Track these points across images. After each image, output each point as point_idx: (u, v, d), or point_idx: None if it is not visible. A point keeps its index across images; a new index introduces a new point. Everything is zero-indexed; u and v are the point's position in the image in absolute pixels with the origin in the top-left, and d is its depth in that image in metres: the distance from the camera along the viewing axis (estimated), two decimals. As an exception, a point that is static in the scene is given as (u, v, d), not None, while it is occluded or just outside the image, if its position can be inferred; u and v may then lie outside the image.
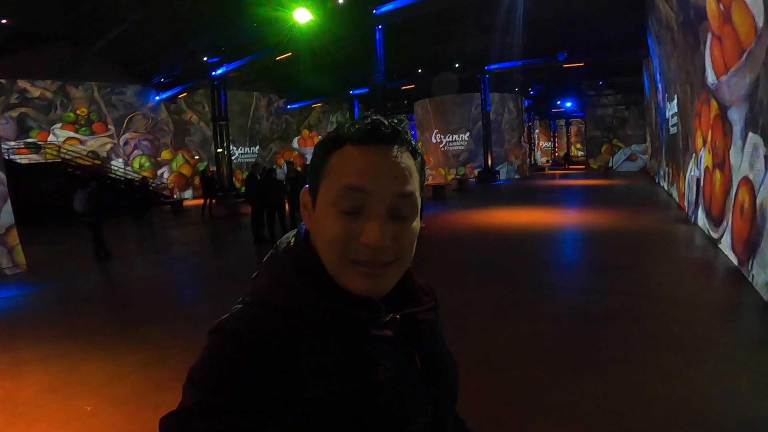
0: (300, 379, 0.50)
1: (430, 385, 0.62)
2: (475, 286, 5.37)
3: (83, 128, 20.24)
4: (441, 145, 24.93)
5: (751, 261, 4.83)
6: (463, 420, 0.76)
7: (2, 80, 17.61)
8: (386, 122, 0.59)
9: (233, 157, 21.98)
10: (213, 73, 18.73)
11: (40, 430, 2.75)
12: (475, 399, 2.70)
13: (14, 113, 18.42)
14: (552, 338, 3.82)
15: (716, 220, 6.66)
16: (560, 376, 3.10)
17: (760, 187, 4.75)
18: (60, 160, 18.32)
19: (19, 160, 17.24)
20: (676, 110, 11.32)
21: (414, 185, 0.59)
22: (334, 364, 0.53)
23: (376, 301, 0.60)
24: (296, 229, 0.65)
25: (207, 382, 0.49)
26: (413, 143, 0.61)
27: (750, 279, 4.76)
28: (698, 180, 8.17)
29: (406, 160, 0.59)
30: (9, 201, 7.66)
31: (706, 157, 7.55)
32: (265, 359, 0.50)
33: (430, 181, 13.26)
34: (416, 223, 0.60)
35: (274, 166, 10.09)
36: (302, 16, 12.07)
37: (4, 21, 14.29)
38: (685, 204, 9.77)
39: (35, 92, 18.98)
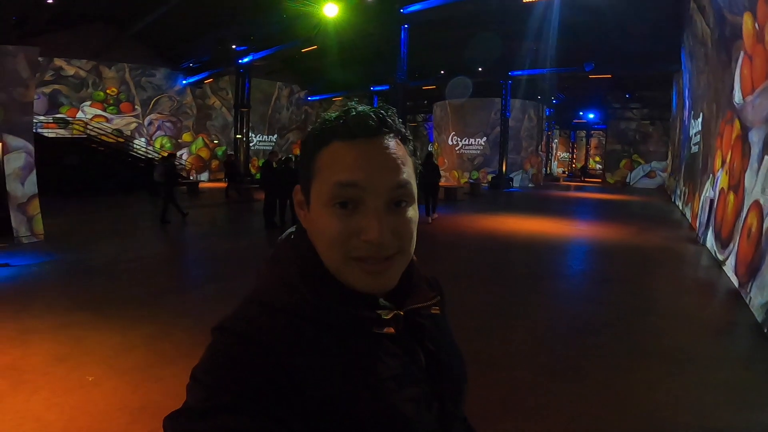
0: (301, 379, 0.50)
1: (435, 382, 0.61)
2: (475, 287, 5.44)
3: (111, 107, 20.79)
4: (457, 148, 24.87)
5: (750, 283, 4.82)
6: (465, 417, 0.75)
7: (41, 58, 18.10)
8: (372, 114, 0.57)
9: (251, 144, 22.30)
10: (240, 61, 19.03)
11: (42, 398, 2.80)
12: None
13: (47, 89, 18.99)
14: (543, 343, 3.89)
15: (724, 242, 6.61)
16: (544, 379, 3.19)
17: (769, 211, 4.73)
18: (86, 136, 18.84)
19: (46, 134, 17.75)
20: (700, 128, 11.17)
21: (408, 173, 0.57)
22: (335, 363, 0.53)
23: (379, 298, 0.58)
24: (295, 226, 0.64)
25: (211, 381, 0.49)
26: (402, 130, 0.59)
27: (747, 301, 4.76)
28: (712, 201, 8.09)
29: (397, 149, 0.57)
30: (34, 171, 7.94)
31: (722, 179, 7.47)
32: (267, 358, 0.50)
33: (442, 182, 13.24)
34: (413, 211, 0.58)
35: (290, 156, 10.26)
36: (331, 11, 12.21)
37: (49, 1, 14.67)
38: (697, 224, 9.66)
39: (70, 70, 19.57)
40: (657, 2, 13.67)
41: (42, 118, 18.27)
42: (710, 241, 7.75)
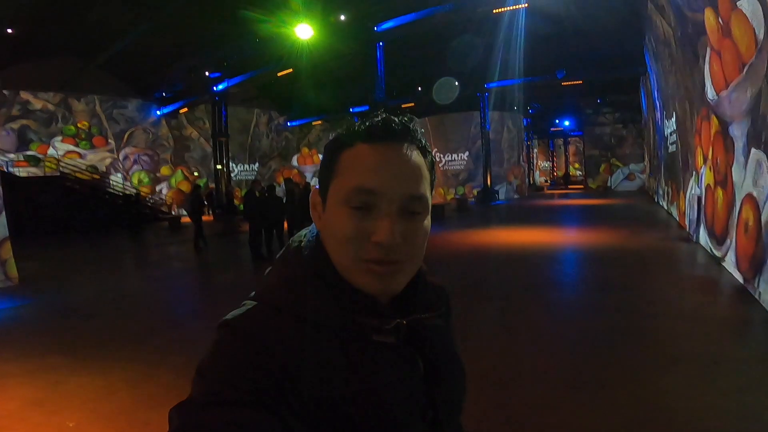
0: (300, 379, 0.51)
1: (432, 391, 0.61)
2: (473, 302, 5.28)
3: (83, 142, 20.28)
4: (440, 164, 25.05)
5: (757, 278, 4.75)
6: (461, 426, 0.74)
7: (5, 91, 17.66)
8: (397, 119, 0.59)
9: (233, 174, 21.98)
10: (214, 88, 18.90)
11: None
12: (477, 418, 2.58)
13: (15, 125, 18.47)
14: (555, 357, 3.71)
15: (719, 238, 6.59)
16: (566, 395, 2.99)
17: (765, 203, 4.69)
18: (59, 173, 18.31)
19: (18, 173, 17.21)
20: (675, 128, 11.37)
21: (425, 186, 0.59)
22: (333, 368, 0.54)
23: (384, 306, 0.59)
24: (308, 228, 0.65)
25: (213, 376, 0.50)
26: (423, 141, 0.61)
27: (757, 296, 4.67)
28: (699, 198, 8.13)
29: (417, 159, 0.59)
30: (3, 213, 7.56)
31: (707, 175, 7.51)
32: (268, 357, 0.51)
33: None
34: (427, 222, 0.60)
35: (274, 184, 10.16)
36: (304, 33, 12.22)
37: (9, 31, 14.40)
38: (686, 222, 9.71)
39: (37, 104, 19.07)
40: (614, 6, 14.08)
41: (12, 156, 17.72)
42: (703, 238, 7.75)
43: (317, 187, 0.63)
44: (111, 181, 20.32)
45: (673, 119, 11.54)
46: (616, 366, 3.38)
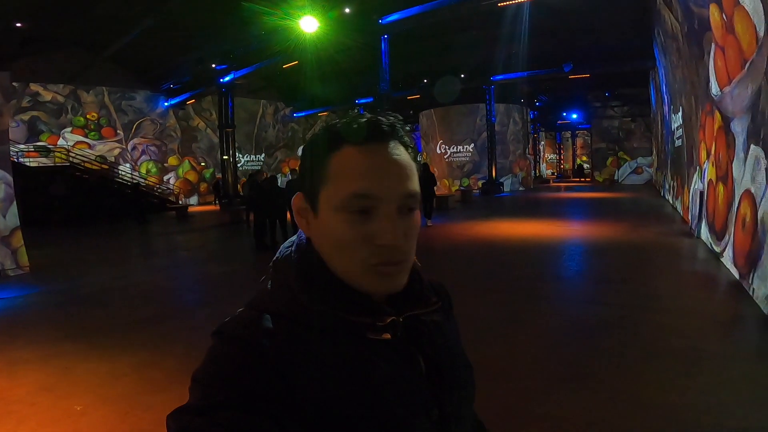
0: (295, 382, 0.51)
1: (436, 389, 0.60)
2: (474, 294, 5.34)
3: (92, 133, 20.53)
4: (445, 156, 24.97)
5: (751, 274, 4.79)
6: (482, 421, 0.76)
7: (15, 84, 17.89)
8: (383, 119, 0.58)
9: (239, 165, 22.13)
10: (221, 80, 18.99)
11: (29, 428, 2.75)
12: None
13: (25, 116, 18.73)
14: (547, 348, 3.79)
15: (719, 234, 6.61)
16: (554, 386, 3.08)
17: (761, 200, 4.72)
18: (69, 164, 18.57)
19: (28, 163, 17.48)
20: (681, 122, 11.29)
21: (416, 182, 0.59)
22: (329, 367, 0.54)
23: (379, 303, 0.59)
24: (294, 237, 0.64)
25: (208, 381, 0.51)
26: (407, 137, 0.60)
27: (750, 292, 4.71)
28: (702, 193, 8.12)
29: (405, 156, 0.58)
30: (15, 203, 7.74)
31: (709, 170, 7.51)
32: (262, 361, 0.51)
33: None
34: (418, 215, 0.60)
35: (275, 175, 10.20)
36: (309, 25, 12.23)
37: (18, 24, 14.55)
38: (689, 217, 9.70)
39: (47, 96, 19.31)
40: (624, 0, 13.92)
41: (22, 146, 17.99)
42: (704, 233, 7.76)
43: (300, 192, 0.61)
44: (119, 171, 20.58)
45: (680, 113, 11.46)
46: (603, 358, 3.46)
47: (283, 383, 0.51)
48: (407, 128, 0.61)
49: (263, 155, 26.60)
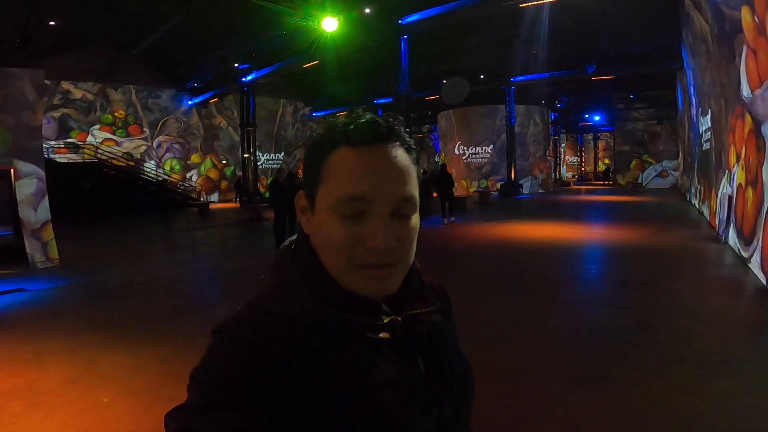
0: (295, 381, 0.51)
1: (435, 389, 0.60)
2: (491, 295, 5.32)
3: (120, 130, 21.10)
4: (464, 157, 24.81)
5: (781, 281, 4.65)
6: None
7: (47, 81, 18.47)
8: (382, 120, 0.57)
9: (259, 163, 22.42)
10: (243, 79, 19.28)
11: (57, 420, 2.80)
12: (483, 406, 2.68)
13: (56, 114, 19.33)
14: (565, 350, 3.76)
15: (747, 239, 6.42)
16: (572, 388, 3.05)
17: (792, 205, 4.57)
18: (96, 160, 19.11)
19: (58, 159, 18.04)
20: (710, 125, 10.99)
21: (413, 186, 0.58)
22: (329, 367, 0.54)
23: (378, 303, 0.59)
24: (296, 234, 0.65)
25: (207, 380, 0.51)
26: (407, 140, 0.59)
27: (779, 300, 4.58)
28: (730, 198, 7.90)
29: (404, 159, 0.58)
30: (47, 197, 8.01)
31: (739, 174, 7.30)
32: (261, 359, 0.51)
33: (451, 191, 13.12)
34: (416, 220, 0.59)
35: (294, 172, 10.30)
36: (330, 25, 12.32)
37: (52, 23, 15.00)
38: (716, 222, 9.44)
39: (77, 94, 19.92)
40: (650, 1, 13.60)
41: (53, 142, 18.58)
42: (732, 238, 7.55)
43: (302, 190, 0.62)
44: (145, 168, 21.09)
45: (708, 116, 11.15)
46: (624, 361, 3.41)
47: (283, 382, 0.51)
48: (406, 129, 0.60)
49: (282, 154, 26.89)
